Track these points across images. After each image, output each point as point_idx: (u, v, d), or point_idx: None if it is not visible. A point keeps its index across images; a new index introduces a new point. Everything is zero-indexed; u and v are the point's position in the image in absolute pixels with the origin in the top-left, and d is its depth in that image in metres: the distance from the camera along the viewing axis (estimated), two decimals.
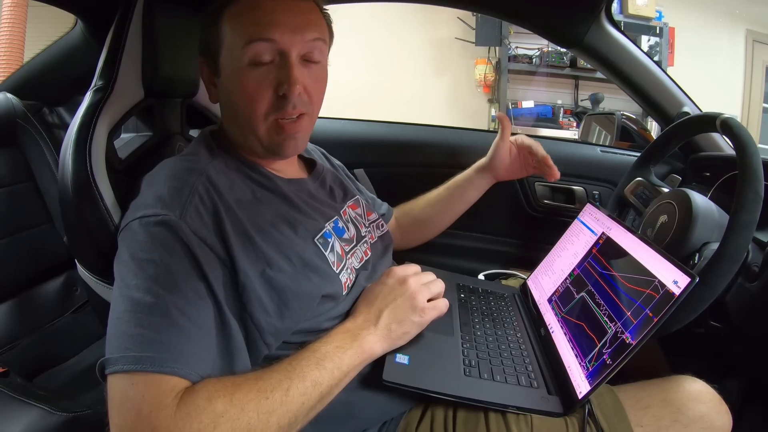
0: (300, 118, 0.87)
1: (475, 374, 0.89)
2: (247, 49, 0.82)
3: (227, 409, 0.62)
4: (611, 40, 1.39)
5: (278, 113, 0.85)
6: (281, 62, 0.83)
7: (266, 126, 0.86)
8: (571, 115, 4.51)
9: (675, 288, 0.78)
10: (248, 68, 0.83)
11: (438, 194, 1.36)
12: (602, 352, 0.85)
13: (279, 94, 0.83)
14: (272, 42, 0.82)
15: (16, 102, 1.53)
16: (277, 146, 0.89)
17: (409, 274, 0.93)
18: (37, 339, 1.53)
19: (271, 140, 0.88)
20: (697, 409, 0.86)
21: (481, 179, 1.31)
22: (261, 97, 0.84)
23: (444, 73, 4.72)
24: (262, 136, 0.87)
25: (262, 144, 0.89)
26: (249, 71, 0.83)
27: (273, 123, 0.86)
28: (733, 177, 1.15)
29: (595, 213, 1.18)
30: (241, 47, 0.82)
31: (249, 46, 0.82)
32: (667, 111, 1.42)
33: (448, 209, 1.35)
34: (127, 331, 0.65)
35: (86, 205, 0.90)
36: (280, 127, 0.86)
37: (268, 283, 0.77)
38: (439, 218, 1.36)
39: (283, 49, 0.83)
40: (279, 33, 0.82)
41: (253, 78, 0.83)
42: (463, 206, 1.36)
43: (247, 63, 0.82)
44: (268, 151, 0.90)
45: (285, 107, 0.84)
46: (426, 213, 1.36)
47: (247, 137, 0.89)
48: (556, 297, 1.12)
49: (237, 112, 0.87)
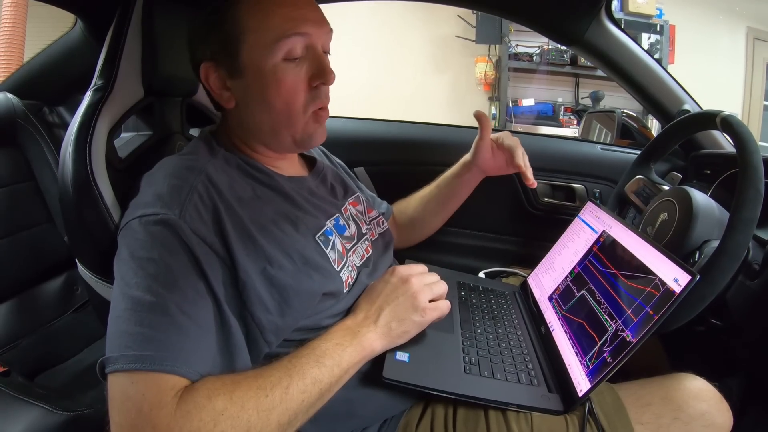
0: (325, 108, 0.90)
1: (476, 372, 0.90)
2: (281, 45, 0.82)
3: (227, 406, 0.62)
4: (611, 38, 1.39)
5: (314, 104, 0.87)
6: (311, 55, 0.85)
7: (305, 119, 0.88)
8: (572, 113, 4.50)
9: (676, 286, 0.78)
10: (283, 63, 0.83)
11: (429, 192, 1.35)
12: (602, 350, 0.85)
13: (313, 86, 0.86)
14: (306, 36, 0.84)
15: (16, 102, 1.53)
16: (309, 137, 0.91)
17: (413, 273, 0.92)
18: (38, 338, 1.53)
19: (307, 132, 0.90)
20: (698, 406, 0.86)
21: (468, 175, 1.28)
22: (299, 90, 0.85)
23: (444, 72, 4.72)
24: (299, 130, 0.89)
25: (295, 138, 0.90)
26: (285, 66, 0.83)
27: (311, 115, 0.88)
28: (733, 175, 1.15)
29: (595, 211, 1.18)
30: (272, 42, 0.82)
31: (285, 40, 0.82)
32: (668, 109, 1.42)
33: (440, 207, 1.34)
34: (127, 329, 0.65)
35: (86, 204, 0.90)
36: (317, 117, 0.89)
37: (268, 281, 0.77)
38: (433, 216, 1.36)
39: (312, 44, 0.85)
40: (311, 27, 0.84)
41: (289, 72, 0.84)
42: (456, 203, 1.34)
43: (281, 58, 0.83)
44: (298, 144, 0.92)
45: (320, 98, 0.88)
46: (419, 212, 1.35)
47: (278, 134, 0.90)
48: (556, 295, 1.12)
49: (272, 109, 0.86)
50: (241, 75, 0.85)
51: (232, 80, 0.87)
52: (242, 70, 0.85)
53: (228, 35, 0.84)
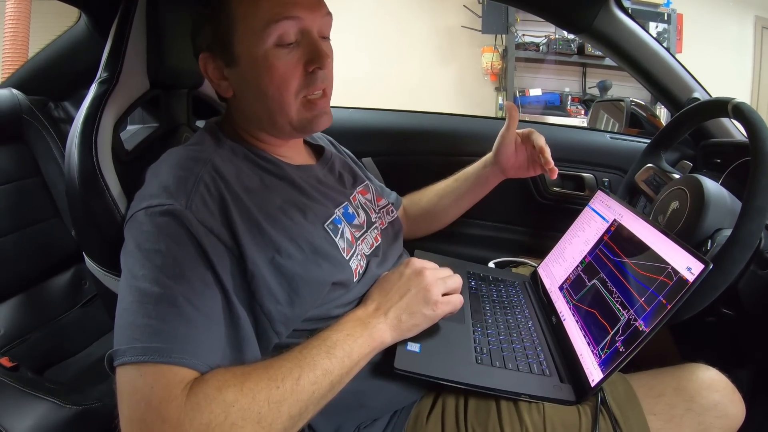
0: (324, 94, 0.89)
1: (487, 362, 0.89)
2: (272, 30, 0.81)
3: (238, 398, 0.62)
4: (620, 25, 1.37)
5: (307, 90, 0.86)
6: (305, 40, 0.84)
7: (297, 104, 0.87)
8: (579, 102, 4.49)
9: (689, 275, 0.78)
10: (275, 49, 0.82)
11: (446, 186, 1.34)
12: (615, 339, 0.84)
13: (308, 71, 0.84)
14: (297, 20, 0.82)
15: (22, 97, 1.53)
16: (308, 123, 0.89)
17: (428, 266, 0.92)
18: (48, 333, 1.53)
19: (302, 118, 0.88)
20: (711, 397, 0.86)
21: (489, 174, 1.28)
22: (292, 76, 0.84)
23: (450, 62, 4.71)
24: (294, 116, 0.87)
25: (292, 124, 0.88)
26: (276, 52, 0.83)
27: (303, 101, 0.87)
28: (744, 163, 1.13)
29: (606, 200, 1.17)
30: (263, 29, 0.81)
31: (274, 25, 0.81)
32: (677, 96, 1.40)
33: (456, 202, 1.33)
34: (134, 321, 0.65)
35: (93, 196, 0.90)
36: (311, 104, 0.88)
37: (277, 271, 0.77)
38: (447, 210, 1.35)
39: (306, 27, 0.83)
40: (302, 10, 0.82)
41: (282, 58, 0.83)
42: (472, 200, 1.34)
43: (273, 44, 0.82)
44: (298, 130, 0.90)
45: (314, 83, 0.86)
46: (434, 204, 1.35)
47: (274, 121, 0.89)
48: (567, 285, 1.11)
49: (266, 96, 0.86)
50: (236, 64, 0.86)
51: (229, 69, 0.88)
52: (237, 58, 0.85)
53: (220, 25, 0.84)
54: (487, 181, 1.30)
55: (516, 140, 1.22)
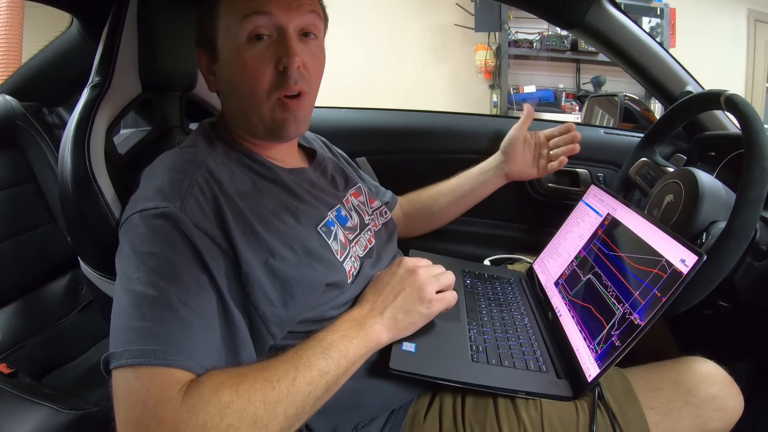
0: (301, 97, 0.87)
1: (483, 360, 0.89)
2: (244, 25, 0.82)
3: (233, 399, 0.62)
4: (612, 20, 1.37)
5: (280, 89, 0.85)
6: (279, 37, 0.83)
7: (269, 104, 0.86)
8: (574, 98, 4.49)
9: (683, 267, 0.78)
10: (247, 45, 0.83)
11: (448, 186, 1.36)
12: (611, 333, 0.84)
13: (279, 69, 0.83)
14: (269, 15, 0.82)
15: (15, 104, 1.53)
16: (279, 126, 0.88)
17: (420, 264, 0.92)
18: (45, 338, 1.54)
19: (274, 119, 0.87)
20: (709, 390, 0.86)
21: (491, 176, 1.32)
22: (262, 72, 0.83)
23: (444, 60, 4.70)
24: (265, 116, 0.87)
25: (264, 125, 0.88)
26: (248, 48, 0.83)
27: (276, 101, 0.86)
28: (738, 156, 1.14)
29: (599, 194, 1.17)
30: (238, 23, 0.82)
31: (246, 20, 0.81)
32: (671, 90, 1.40)
33: (455, 202, 1.35)
34: (130, 324, 0.64)
35: (86, 200, 0.90)
36: (283, 105, 0.86)
37: (271, 273, 0.77)
38: (445, 209, 1.37)
39: (280, 24, 0.83)
40: (275, 6, 0.82)
41: (252, 54, 0.83)
42: (472, 201, 1.37)
43: (245, 40, 0.82)
44: (269, 132, 0.89)
45: (286, 83, 0.84)
46: (432, 203, 1.36)
47: (249, 119, 0.89)
48: (562, 280, 1.11)
49: (239, 93, 0.87)
50: (219, 59, 0.88)
51: (215, 65, 0.90)
52: (218, 54, 0.88)
53: (208, 22, 0.87)
54: (489, 183, 1.33)
55: (526, 138, 1.27)
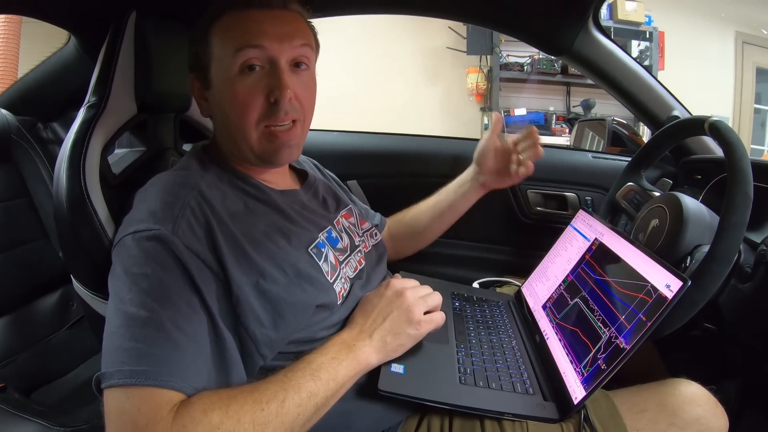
0: (293, 126, 0.88)
1: (471, 382, 0.90)
2: (237, 57, 0.83)
3: (223, 420, 0.63)
4: (599, 47, 1.40)
5: (270, 120, 0.86)
6: (271, 69, 0.84)
7: (257, 134, 0.87)
8: (564, 121, 4.52)
9: (667, 292, 0.79)
10: (239, 76, 0.84)
11: (429, 204, 1.36)
12: (597, 357, 0.85)
13: (270, 101, 0.84)
14: (261, 49, 0.83)
15: (11, 118, 1.53)
16: (269, 155, 0.89)
17: (407, 286, 0.93)
18: (35, 354, 1.53)
19: (263, 149, 0.88)
20: (693, 411, 0.87)
21: (470, 189, 1.31)
22: (252, 104, 0.84)
23: (436, 83, 4.73)
24: (254, 145, 0.88)
25: (254, 153, 0.89)
26: (240, 79, 0.84)
27: (264, 131, 0.87)
28: (724, 179, 1.16)
29: (587, 219, 1.18)
30: (231, 56, 0.83)
31: (239, 53, 0.83)
32: (657, 115, 1.43)
33: (439, 219, 1.34)
34: (122, 345, 0.65)
35: (81, 221, 0.90)
36: (272, 135, 0.87)
37: (262, 295, 0.77)
38: (430, 228, 1.36)
39: (272, 56, 0.84)
40: (267, 40, 0.83)
41: (244, 85, 0.84)
42: (454, 216, 1.35)
43: (237, 71, 0.84)
44: (260, 159, 0.91)
45: (277, 114, 0.85)
46: (416, 222, 1.36)
47: (239, 147, 0.90)
48: (550, 303, 1.12)
49: (229, 122, 0.88)
50: (211, 86, 0.89)
51: (207, 92, 0.91)
52: (211, 81, 0.89)
53: (202, 49, 0.88)
54: (467, 195, 1.32)
55: (496, 146, 1.26)
